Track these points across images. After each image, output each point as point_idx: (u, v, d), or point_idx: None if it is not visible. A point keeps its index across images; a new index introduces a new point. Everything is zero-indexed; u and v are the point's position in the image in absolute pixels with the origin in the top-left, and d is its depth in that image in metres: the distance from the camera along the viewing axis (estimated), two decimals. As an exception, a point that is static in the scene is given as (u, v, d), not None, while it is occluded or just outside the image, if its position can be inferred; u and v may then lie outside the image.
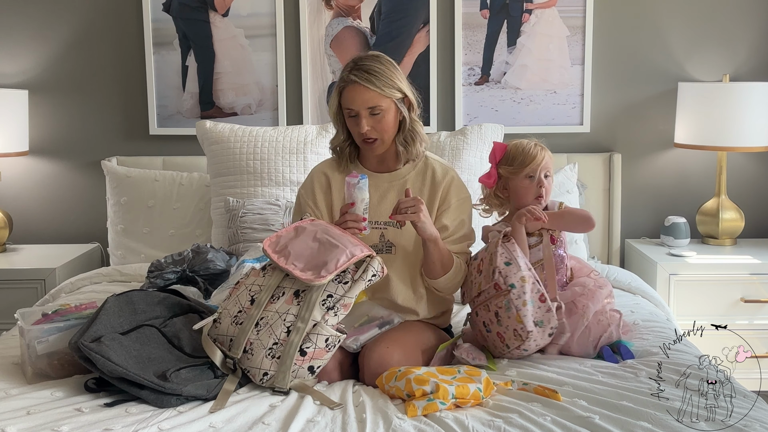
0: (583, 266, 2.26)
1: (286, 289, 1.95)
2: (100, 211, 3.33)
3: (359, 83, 2.11)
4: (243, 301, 1.98)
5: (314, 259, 1.94)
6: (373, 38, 3.31)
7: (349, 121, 2.18)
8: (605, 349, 2.05)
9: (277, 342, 1.88)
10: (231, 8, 3.30)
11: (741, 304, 2.98)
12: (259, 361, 1.88)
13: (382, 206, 2.19)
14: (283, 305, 1.92)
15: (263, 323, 1.92)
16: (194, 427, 1.66)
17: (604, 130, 3.37)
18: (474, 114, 3.34)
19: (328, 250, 1.95)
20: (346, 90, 2.14)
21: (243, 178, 2.93)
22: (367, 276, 1.94)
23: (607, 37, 3.32)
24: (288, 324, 1.89)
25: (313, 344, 1.87)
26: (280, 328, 1.89)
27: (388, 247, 2.18)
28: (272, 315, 1.92)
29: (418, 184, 2.22)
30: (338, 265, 1.90)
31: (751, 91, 3.09)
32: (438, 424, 1.66)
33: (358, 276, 1.94)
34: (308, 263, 1.94)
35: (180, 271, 2.45)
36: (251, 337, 1.91)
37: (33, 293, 2.99)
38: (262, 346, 1.89)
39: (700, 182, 3.38)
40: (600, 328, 2.08)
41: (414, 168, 2.24)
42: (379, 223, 2.19)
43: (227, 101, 3.36)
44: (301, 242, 2.00)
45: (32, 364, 1.92)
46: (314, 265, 1.92)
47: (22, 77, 3.36)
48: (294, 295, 1.93)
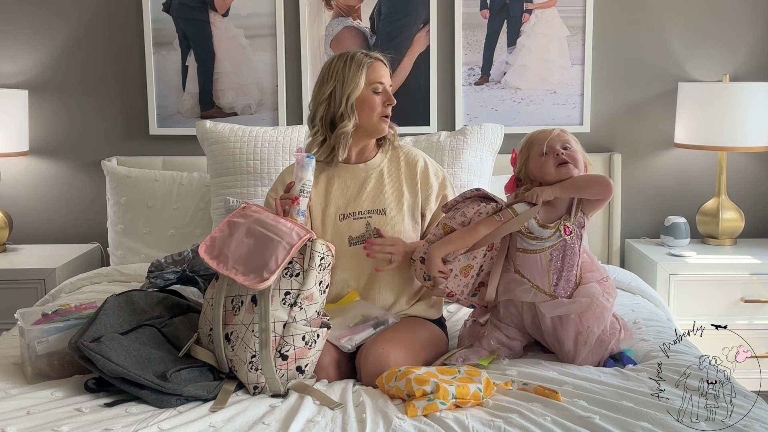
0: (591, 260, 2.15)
1: (243, 297, 1.92)
2: (100, 211, 3.33)
3: (382, 60, 2.22)
4: (210, 317, 1.96)
5: (253, 259, 1.87)
6: (373, 38, 3.31)
7: (375, 98, 2.19)
8: (607, 360, 2.04)
9: (255, 354, 1.86)
10: (231, 8, 3.31)
11: (741, 304, 2.98)
12: (245, 376, 1.87)
13: (363, 195, 2.22)
14: (246, 315, 1.89)
15: (234, 337, 1.89)
16: (194, 427, 1.66)
17: (604, 130, 3.37)
18: (474, 114, 3.34)
19: (264, 245, 1.88)
20: (374, 65, 2.19)
21: (243, 178, 2.93)
22: (315, 263, 1.88)
23: (607, 37, 3.32)
24: (256, 333, 1.86)
25: (291, 346, 1.86)
26: (252, 340, 1.86)
27: (375, 235, 2.19)
28: (239, 327, 1.89)
29: (394, 171, 2.27)
30: (279, 262, 1.84)
31: (751, 91, 3.09)
32: (438, 424, 1.66)
33: (307, 265, 1.88)
34: (248, 265, 1.87)
35: (180, 271, 2.45)
36: (228, 354, 1.90)
37: (33, 293, 2.99)
38: (241, 361, 1.87)
39: (700, 182, 3.38)
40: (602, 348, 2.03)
41: (386, 156, 2.29)
42: (363, 212, 2.21)
43: (227, 101, 3.36)
44: (236, 241, 1.93)
45: (32, 364, 1.92)
46: (255, 267, 1.86)
47: (22, 77, 3.36)
48: (252, 302, 1.89)
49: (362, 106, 2.18)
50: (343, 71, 2.18)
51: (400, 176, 2.27)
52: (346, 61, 2.19)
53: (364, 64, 2.17)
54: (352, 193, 2.23)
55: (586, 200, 2.07)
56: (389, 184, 2.25)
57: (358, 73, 2.17)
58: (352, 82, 2.16)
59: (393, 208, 2.22)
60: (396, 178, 2.27)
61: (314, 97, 2.24)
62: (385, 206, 2.22)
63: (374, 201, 2.22)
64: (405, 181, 2.27)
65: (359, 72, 2.17)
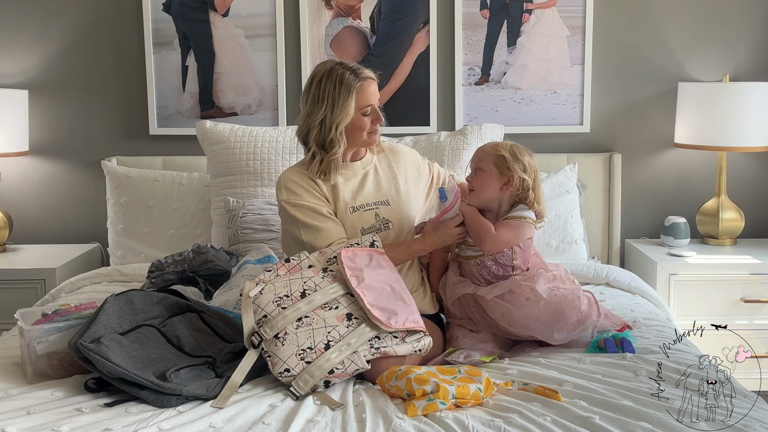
0: (542, 262, 2.29)
1: (340, 305, 1.98)
2: (100, 211, 3.33)
3: (373, 78, 2.26)
4: (293, 288, 1.99)
5: (385, 302, 1.99)
6: (373, 38, 3.31)
7: (364, 120, 2.25)
8: (608, 341, 2.06)
9: (312, 348, 1.89)
10: (231, 8, 3.30)
11: (741, 304, 2.98)
12: (287, 356, 1.88)
13: (366, 190, 2.31)
14: (333, 319, 1.95)
15: (306, 322, 1.93)
16: (194, 426, 1.66)
17: (604, 130, 3.37)
18: (474, 114, 3.34)
19: (399, 301, 2.01)
20: (363, 88, 2.22)
21: (243, 178, 2.93)
22: (416, 346, 1.99)
23: (607, 37, 3.32)
24: (330, 339, 1.91)
25: (344, 368, 1.89)
26: (321, 338, 1.90)
27: (384, 224, 2.30)
28: (318, 320, 1.94)
29: (384, 164, 2.39)
30: (406, 323, 1.97)
31: (751, 91, 3.09)
32: (438, 424, 1.66)
33: (410, 340, 1.98)
34: (377, 301, 1.97)
35: (180, 271, 2.45)
36: (289, 328, 1.92)
37: (33, 293, 2.99)
38: (296, 342, 1.90)
39: (700, 182, 3.38)
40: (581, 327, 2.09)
41: (374, 152, 2.40)
42: (370, 204, 2.30)
43: (227, 101, 3.36)
44: (375, 274, 2.04)
45: (32, 364, 1.92)
46: (383, 308, 1.97)
47: (22, 77, 3.36)
48: (346, 316, 1.96)
49: (352, 130, 2.25)
50: (332, 95, 2.20)
51: (392, 169, 2.39)
52: (336, 84, 2.19)
53: (353, 88, 2.19)
54: (355, 187, 2.31)
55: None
56: (384, 177, 2.36)
57: (348, 99, 2.19)
58: (343, 110, 2.19)
59: (394, 198, 2.34)
60: (389, 171, 2.38)
61: (305, 118, 2.25)
62: (387, 197, 2.32)
63: (377, 194, 2.32)
64: (398, 171, 2.39)
65: (349, 98, 2.19)
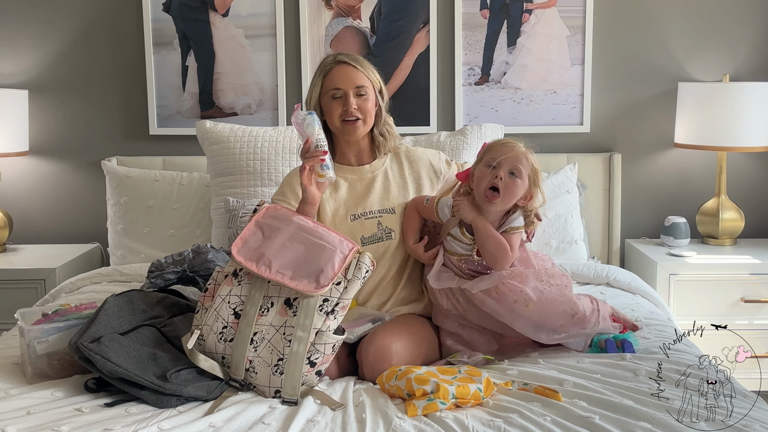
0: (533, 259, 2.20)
1: (274, 299, 1.90)
2: (100, 211, 3.33)
3: (348, 63, 2.22)
4: (225, 315, 1.91)
5: (305, 265, 1.89)
6: (373, 38, 3.31)
7: (333, 104, 2.21)
8: (609, 342, 2.06)
9: (282, 358, 1.84)
10: (231, 8, 3.30)
11: (741, 304, 2.98)
12: (267, 379, 1.85)
13: (371, 196, 2.26)
14: (277, 317, 1.88)
15: (258, 338, 1.87)
16: (194, 427, 1.66)
17: (604, 130, 3.37)
18: (474, 114, 3.34)
19: (316, 252, 1.90)
20: (334, 71, 2.22)
21: (243, 178, 2.93)
22: (361, 274, 1.92)
23: (607, 37, 3.32)
24: (288, 337, 1.85)
25: (321, 354, 1.86)
26: (282, 343, 1.85)
27: (387, 233, 2.22)
28: (267, 329, 1.87)
29: (397, 171, 2.31)
30: (336, 270, 1.88)
31: (751, 91, 3.09)
32: (438, 424, 1.66)
33: (352, 275, 1.91)
34: (298, 270, 1.88)
35: (180, 271, 2.45)
36: (250, 355, 1.87)
37: (33, 293, 2.99)
38: (265, 363, 1.85)
39: (700, 182, 3.38)
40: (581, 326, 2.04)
41: (387, 158, 2.33)
42: (374, 212, 2.24)
43: (227, 101, 3.36)
44: (277, 244, 1.93)
45: (32, 364, 1.92)
46: (307, 273, 1.87)
47: (22, 77, 3.36)
48: (285, 305, 1.88)
49: (325, 112, 2.24)
50: (312, 78, 2.27)
51: (404, 176, 2.31)
52: (318, 65, 2.27)
53: (324, 70, 2.23)
54: (361, 194, 2.26)
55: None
56: (394, 184, 2.29)
57: (317, 79, 2.24)
58: (313, 89, 2.25)
59: (402, 206, 2.26)
60: (400, 177, 2.31)
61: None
62: (393, 205, 2.26)
63: (383, 201, 2.26)
64: (409, 178, 2.31)
65: (317, 79, 2.24)
